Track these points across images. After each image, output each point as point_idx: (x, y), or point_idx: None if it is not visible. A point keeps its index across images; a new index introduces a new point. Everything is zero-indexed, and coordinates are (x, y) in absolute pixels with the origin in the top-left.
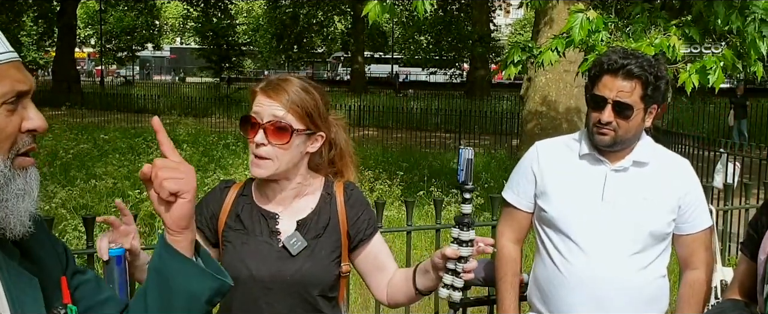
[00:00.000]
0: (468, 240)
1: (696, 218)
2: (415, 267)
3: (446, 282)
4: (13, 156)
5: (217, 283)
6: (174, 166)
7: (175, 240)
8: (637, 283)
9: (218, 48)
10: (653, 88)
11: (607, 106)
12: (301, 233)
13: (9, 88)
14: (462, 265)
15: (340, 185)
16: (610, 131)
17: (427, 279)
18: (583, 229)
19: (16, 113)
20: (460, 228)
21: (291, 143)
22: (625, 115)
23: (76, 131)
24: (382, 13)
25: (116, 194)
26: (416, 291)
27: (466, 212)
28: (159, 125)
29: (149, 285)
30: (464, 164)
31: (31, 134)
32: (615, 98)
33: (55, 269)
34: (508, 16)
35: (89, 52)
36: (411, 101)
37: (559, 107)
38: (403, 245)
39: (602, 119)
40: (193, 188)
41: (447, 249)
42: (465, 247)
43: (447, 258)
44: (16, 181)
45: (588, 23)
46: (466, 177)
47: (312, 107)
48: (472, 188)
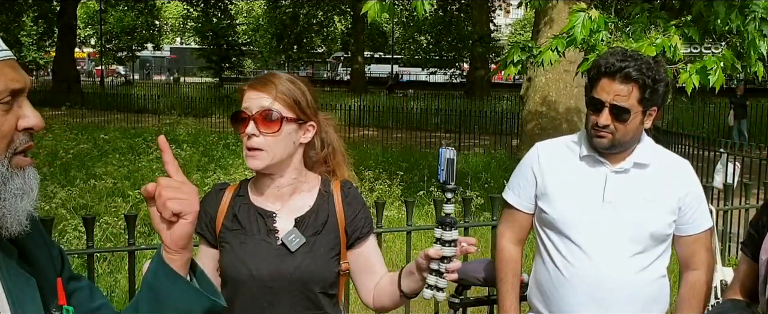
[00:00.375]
0: (451, 239)
1: (696, 220)
2: (401, 269)
3: (430, 283)
4: (10, 155)
5: (210, 303)
6: (178, 186)
7: (172, 258)
8: (638, 284)
9: (218, 48)
10: (651, 91)
11: (605, 109)
12: (300, 230)
13: (3, 86)
14: (445, 265)
15: (337, 184)
16: (608, 134)
17: (412, 280)
18: (584, 230)
19: (12, 112)
20: (442, 228)
21: (281, 131)
22: (623, 118)
23: (76, 131)
24: (381, 12)
25: (116, 194)
26: (401, 293)
27: (448, 212)
28: (165, 145)
29: (141, 299)
30: (445, 163)
31: (28, 133)
32: (612, 101)
33: (50, 271)
34: (508, 16)
35: (89, 52)
36: (411, 101)
37: (559, 107)
38: (403, 245)
39: (599, 123)
40: (196, 211)
41: (430, 250)
42: (448, 247)
43: (430, 258)
44: (14, 180)
45: (590, 22)
46: (448, 177)
47: (299, 96)
48: (453, 188)
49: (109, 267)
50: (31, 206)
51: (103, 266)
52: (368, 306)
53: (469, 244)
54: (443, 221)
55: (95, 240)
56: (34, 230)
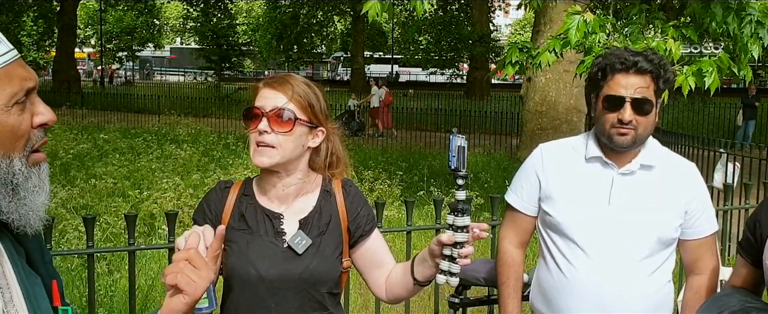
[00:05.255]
0: (463, 225)
1: (702, 224)
2: (413, 258)
3: (443, 269)
4: (27, 153)
5: None
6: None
7: None
8: (643, 289)
9: (218, 48)
10: (664, 81)
11: (626, 104)
12: (305, 231)
13: (19, 87)
14: (458, 250)
15: (337, 183)
16: (631, 130)
17: (425, 267)
18: (589, 234)
19: (27, 110)
20: (454, 214)
21: (294, 131)
22: (645, 111)
23: (76, 131)
24: (382, 11)
25: (116, 193)
26: (415, 281)
27: (460, 198)
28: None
29: None
30: (456, 150)
31: (43, 128)
32: (633, 95)
33: (45, 275)
34: (508, 17)
35: (89, 52)
36: (411, 101)
37: (558, 107)
38: (403, 245)
39: (624, 118)
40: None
41: (443, 236)
42: (460, 233)
43: (443, 244)
44: (31, 178)
45: (584, 25)
46: (458, 164)
47: (314, 100)
48: (465, 175)
49: (109, 267)
50: (48, 199)
51: (103, 266)
52: (381, 298)
53: (481, 230)
54: (455, 208)
55: (95, 240)
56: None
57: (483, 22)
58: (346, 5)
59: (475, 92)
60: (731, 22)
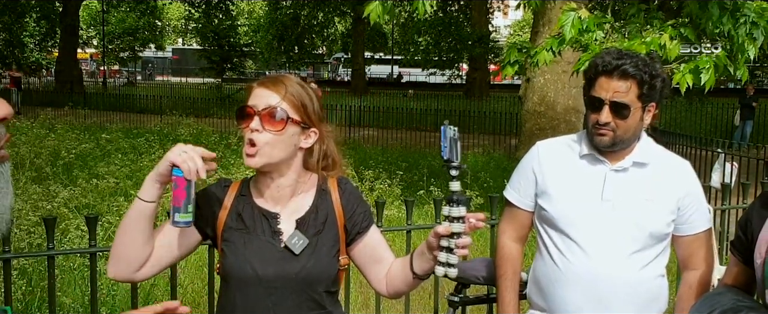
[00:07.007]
0: (459, 216)
1: (695, 220)
2: (412, 252)
3: (441, 260)
4: None
5: None
6: None
7: None
8: (636, 282)
9: (220, 49)
10: (649, 86)
11: (605, 107)
12: (302, 231)
13: None
14: (455, 241)
15: (333, 181)
16: (609, 131)
17: (424, 260)
18: (583, 228)
19: None
20: (450, 205)
21: (285, 130)
22: (623, 115)
23: (78, 131)
24: (384, 14)
25: (118, 193)
26: (414, 275)
27: (455, 189)
28: None
29: None
30: (448, 141)
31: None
32: (611, 98)
33: None
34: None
35: (92, 52)
36: (411, 101)
37: (557, 107)
38: (403, 244)
39: (600, 120)
40: None
41: (439, 227)
42: (457, 223)
43: (440, 235)
44: None
45: (579, 22)
46: (451, 155)
47: (307, 100)
48: (458, 166)
49: None
50: (12, 201)
51: (105, 265)
52: (381, 294)
53: (478, 219)
54: (450, 199)
55: (97, 239)
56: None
57: (482, 23)
58: (347, 7)
59: (474, 93)
60: (726, 22)
